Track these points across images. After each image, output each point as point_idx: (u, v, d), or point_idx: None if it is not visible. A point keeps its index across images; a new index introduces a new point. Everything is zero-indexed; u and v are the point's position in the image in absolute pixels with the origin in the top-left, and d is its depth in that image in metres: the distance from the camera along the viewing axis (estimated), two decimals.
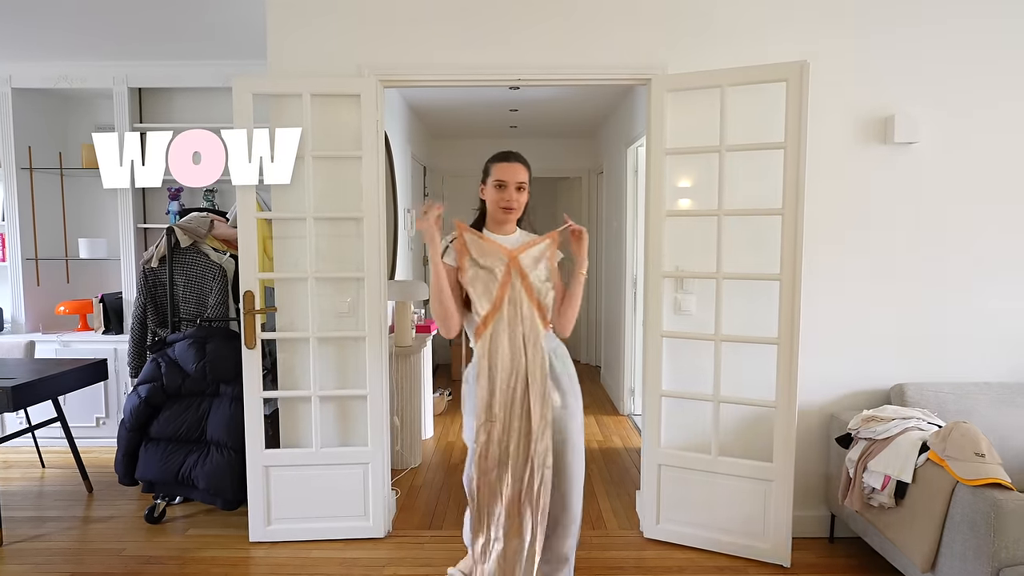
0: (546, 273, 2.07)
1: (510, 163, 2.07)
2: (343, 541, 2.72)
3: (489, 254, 2.05)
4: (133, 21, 3.18)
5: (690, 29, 2.60)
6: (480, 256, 2.05)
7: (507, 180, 2.06)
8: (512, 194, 2.06)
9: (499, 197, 2.07)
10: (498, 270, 2.03)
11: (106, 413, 3.94)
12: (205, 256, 3.14)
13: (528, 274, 2.03)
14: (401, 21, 2.63)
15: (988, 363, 2.66)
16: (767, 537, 2.52)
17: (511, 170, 2.06)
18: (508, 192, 2.06)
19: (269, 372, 2.95)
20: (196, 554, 2.64)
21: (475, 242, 2.07)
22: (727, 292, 2.53)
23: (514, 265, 2.04)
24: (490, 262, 2.04)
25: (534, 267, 2.06)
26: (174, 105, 4.11)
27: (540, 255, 2.08)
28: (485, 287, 2.02)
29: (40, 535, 2.81)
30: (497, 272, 2.02)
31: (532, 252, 2.07)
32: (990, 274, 2.66)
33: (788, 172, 2.38)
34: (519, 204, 2.08)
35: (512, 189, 2.06)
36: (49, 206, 4.13)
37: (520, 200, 2.08)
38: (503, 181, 2.06)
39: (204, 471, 2.80)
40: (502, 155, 2.10)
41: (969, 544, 1.86)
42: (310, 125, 2.56)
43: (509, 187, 2.06)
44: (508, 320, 2.00)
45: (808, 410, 2.68)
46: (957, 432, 1.99)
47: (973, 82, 2.60)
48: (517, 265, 2.04)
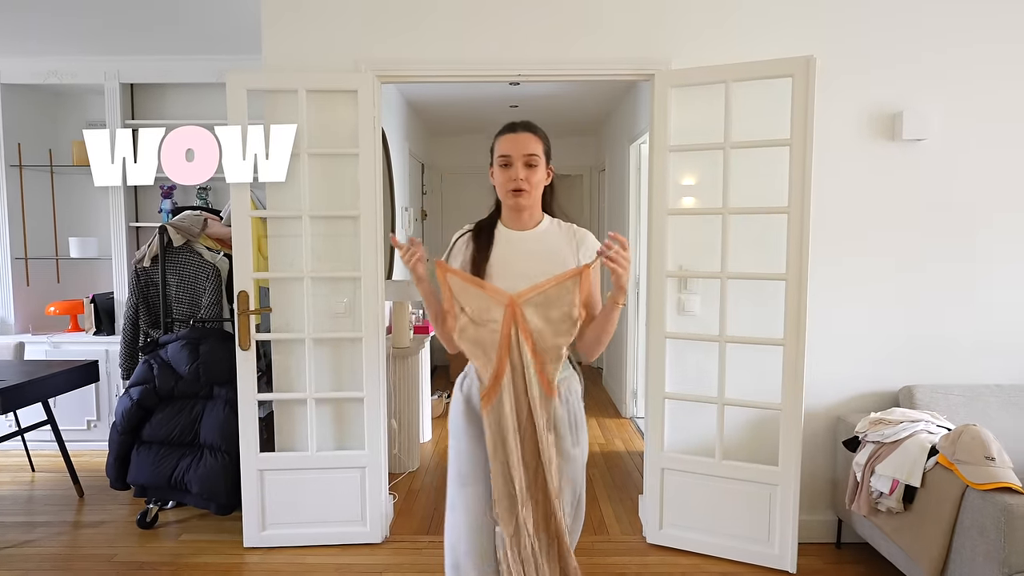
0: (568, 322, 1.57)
1: (515, 133, 1.66)
2: (339, 547, 2.68)
3: (481, 302, 1.59)
4: (125, 15, 3.14)
5: (694, 24, 2.57)
6: (471, 307, 1.59)
7: (512, 154, 1.64)
8: (519, 171, 1.63)
9: (505, 178, 1.65)
10: (495, 323, 1.58)
11: (97, 416, 3.91)
12: (198, 255, 3.11)
13: (535, 333, 1.57)
14: (399, 15, 2.59)
15: (999, 364, 2.63)
16: (772, 542, 2.49)
17: (516, 141, 1.65)
18: (515, 170, 1.64)
19: (264, 374, 2.92)
20: (189, 560, 2.60)
21: (462, 288, 1.60)
22: (732, 292, 2.50)
23: (514, 315, 1.57)
24: (485, 313, 1.58)
25: (544, 323, 1.57)
26: (167, 101, 4.06)
27: (561, 297, 1.57)
28: (483, 350, 1.58)
29: (30, 540, 2.78)
30: (495, 326, 1.58)
31: (549, 294, 1.57)
32: (1001, 274, 2.63)
33: (794, 169, 2.35)
34: (531, 184, 1.64)
35: (519, 166, 1.63)
36: (39, 204, 4.09)
37: (532, 179, 1.64)
38: (507, 156, 1.64)
39: (197, 475, 2.76)
40: (507, 126, 1.70)
41: (979, 550, 1.83)
42: (306, 121, 2.52)
43: (515, 163, 1.64)
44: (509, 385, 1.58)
45: (814, 413, 2.64)
46: (967, 435, 1.97)
47: (984, 78, 2.56)
48: (519, 316, 1.57)
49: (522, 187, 1.63)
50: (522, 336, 1.57)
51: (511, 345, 1.57)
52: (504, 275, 1.64)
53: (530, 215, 1.70)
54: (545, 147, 1.69)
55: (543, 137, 1.69)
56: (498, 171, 1.67)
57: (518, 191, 1.64)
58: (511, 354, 1.57)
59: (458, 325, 1.59)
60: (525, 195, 1.65)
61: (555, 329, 1.57)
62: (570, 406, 1.67)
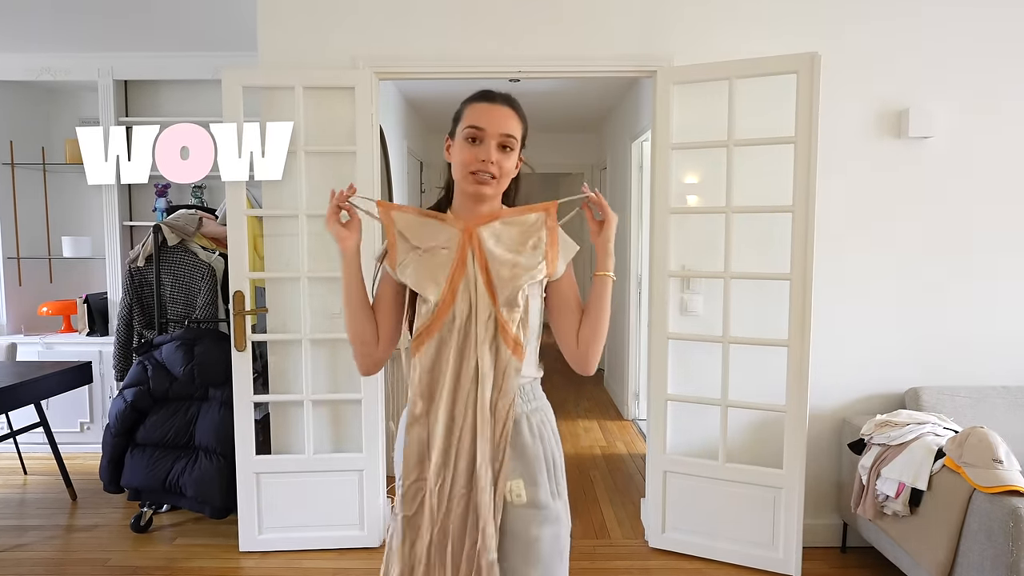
0: (532, 265, 1.28)
1: (493, 104, 1.29)
2: (336, 551, 2.65)
3: (432, 232, 1.31)
4: (119, 11, 3.10)
5: (697, 20, 2.54)
6: (419, 237, 1.31)
7: (486, 128, 1.26)
8: (491, 151, 1.25)
9: (470, 156, 1.26)
10: (448, 249, 1.29)
11: (91, 418, 3.87)
12: (193, 255, 3.09)
13: (491, 260, 1.27)
14: (397, 11, 2.56)
15: (1006, 366, 2.61)
16: (777, 546, 2.46)
17: (493, 115, 1.27)
18: (485, 148, 1.25)
19: (260, 375, 2.88)
20: (184, 564, 2.57)
21: (409, 221, 1.33)
22: (735, 292, 2.47)
23: (471, 241, 1.29)
24: (434, 240, 1.30)
25: (506, 251, 1.28)
26: (161, 98, 4.02)
27: (523, 235, 1.31)
28: (430, 272, 1.28)
29: (22, 545, 2.75)
30: (446, 252, 1.29)
31: (507, 225, 1.31)
32: (1009, 274, 2.61)
33: (799, 168, 2.32)
34: (502, 171, 1.27)
35: (492, 145, 1.26)
36: (31, 203, 4.04)
37: (504, 166, 1.27)
38: (479, 130, 1.26)
39: (192, 478, 2.73)
40: (482, 93, 1.33)
41: (986, 554, 1.81)
42: (302, 119, 2.49)
43: (487, 141, 1.26)
44: (459, 332, 1.26)
45: (819, 415, 2.62)
46: (974, 437, 1.95)
47: (993, 75, 2.54)
48: (475, 242, 1.28)
49: (490, 171, 1.26)
50: (478, 267, 1.27)
51: (467, 273, 1.27)
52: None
53: (490, 209, 1.33)
54: (523, 131, 1.34)
55: (524, 119, 1.34)
56: (461, 146, 1.28)
57: (482, 178, 1.26)
58: (466, 283, 1.27)
59: (401, 263, 1.30)
60: (491, 184, 1.27)
61: (517, 261, 1.27)
62: (545, 443, 1.32)
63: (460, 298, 1.26)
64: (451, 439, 1.26)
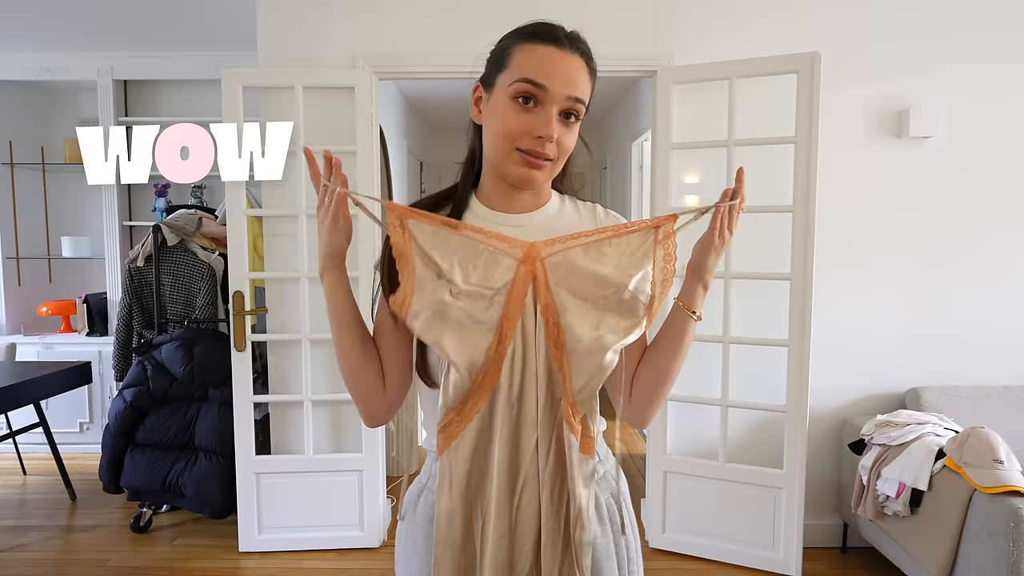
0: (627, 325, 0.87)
1: (560, 49, 0.89)
2: (336, 551, 2.65)
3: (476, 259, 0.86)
4: (118, 10, 3.09)
5: (697, 20, 2.54)
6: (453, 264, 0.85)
7: (546, 85, 0.86)
8: (552, 122, 0.87)
9: (520, 124, 0.87)
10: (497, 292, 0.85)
11: (90, 418, 3.87)
12: (193, 255, 3.08)
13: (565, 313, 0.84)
14: (397, 10, 2.55)
15: (1007, 366, 2.60)
16: (777, 547, 2.46)
17: (560, 66, 0.88)
18: (544, 116, 0.87)
19: (260, 375, 2.88)
20: (184, 564, 2.57)
21: (438, 236, 0.87)
22: (736, 292, 2.47)
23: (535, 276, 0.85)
24: (481, 275, 0.85)
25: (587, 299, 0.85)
26: (160, 98, 4.01)
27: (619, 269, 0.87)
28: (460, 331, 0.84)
29: (21, 545, 2.74)
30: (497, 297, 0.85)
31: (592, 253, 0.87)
32: (1009, 274, 2.60)
33: (799, 167, 2.32)
34: (562, 151, 0.90)
35: (553, 112, 0.87)
36: (31, 203, 4.04)
37: (565, 142, 0.90)
38: (537, 86, 0.87)
39: (192, 478, 2.73)
40: (544, 28, 0.93)
41: (987, 554, 1.81)
42: (302, 119, 2.49)
43: (548, 105, 0.87)
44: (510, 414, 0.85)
45: (820, 415, 2.62)
46: (975, 438, 1.95)
47: (994, 74, 2.53)
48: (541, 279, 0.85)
49: (546, 152, 0.88)
50: (541, 319, 0.84)
51: (523, 325, 0.84)
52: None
53: (535, 194, 0.97)
54: (592, 93, 0.93)
55: (595, 74, 0.94)
56: (507, 106, 0.88)
57: (539, 160, 0.88)
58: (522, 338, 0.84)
59: (416, 304, 0.84)
60: (546, 167, 0.90)
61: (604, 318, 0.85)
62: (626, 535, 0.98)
63: (508, 363, 0.84)
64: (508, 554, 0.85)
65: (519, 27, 0.96)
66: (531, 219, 0.96)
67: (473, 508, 0.86)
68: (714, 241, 0.93)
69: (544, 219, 0.97)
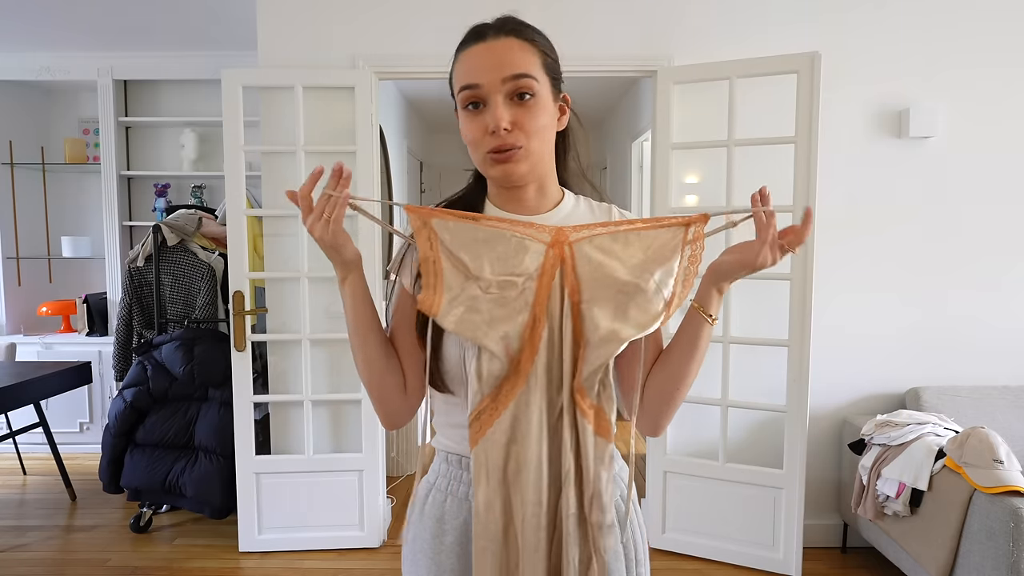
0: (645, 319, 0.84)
1: (483, 41, 0.89)
2: (336, 551, 2.65)
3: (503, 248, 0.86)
4: (119, 10, 3.09)
5: (697, 20, 2.54)
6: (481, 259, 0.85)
7: (479, 82, 0.86)
8: (499, 111, 0.85)
9: (475, 129, 0.88)
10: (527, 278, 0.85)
11: (90, 418, 3.86)
12: (193, 255, 3.08)
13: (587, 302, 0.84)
14: (396, 10, 2.56)
15: (1007, 366, 2.60)
16: (777, 547, 2.46)
17: (487, 56, 0.87)
18: (491, 111, 0.86)
19: (259, 375, 2.88)
20: (184, 564, 2.57)
21: (463, 233, 0.87)
22: (736, 292, 2.47)
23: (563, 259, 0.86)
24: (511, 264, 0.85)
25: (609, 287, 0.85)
26: (160, 98, 4.01)
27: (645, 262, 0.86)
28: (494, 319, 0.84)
29: (21, 545, 2.74)
30: (527, 283, 0.85)
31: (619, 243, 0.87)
32: (1010, 274, 2.60)
33: (799, 167, 2.32)
34: (527, 133, 0.86)
35: (499, 102, 0.86)
36: (30, 203, 4.04)
37: (528, 125, 0.86)
38: (473, 88, 0.87)
39: (192, 478, 2.73)
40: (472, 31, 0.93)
41: (987, 554, 1.81)
42: (302, 119, 2.49)
43: (490, 98, 0.86)
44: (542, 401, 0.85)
45: (820, 415, 2.62)
46: (975, 438, 1.95)
47: (993, 75, 2.53)
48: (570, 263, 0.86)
49: (509, 142, 0.86)
50: (568, 304, 0.84)
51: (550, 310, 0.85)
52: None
53: (540, 190, 0.94)
54: (547, 60, 0.90)
55: (540, 43, 0.90)
56: (463, 118, 0.90)
57: (503, 151, 0.86)
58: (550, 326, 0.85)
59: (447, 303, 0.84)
60: (519, 157, 0.86)
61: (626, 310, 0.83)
62: (633, 536, 0.97)
63: (542, 346, 0.84)
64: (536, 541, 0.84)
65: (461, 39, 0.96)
66: (546, 220, 0.94)
67: (512, 497, 0.84)
68: (758, 259, 0.84)
69: (559, 219, 0.94)
